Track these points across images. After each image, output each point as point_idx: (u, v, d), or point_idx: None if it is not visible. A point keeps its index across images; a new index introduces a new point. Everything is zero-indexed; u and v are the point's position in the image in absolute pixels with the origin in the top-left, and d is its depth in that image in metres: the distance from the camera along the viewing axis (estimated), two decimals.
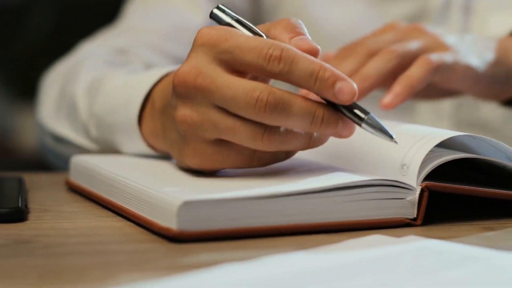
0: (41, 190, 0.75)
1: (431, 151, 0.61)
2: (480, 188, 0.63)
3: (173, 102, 0.63)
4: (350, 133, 0.60)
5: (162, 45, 1.08)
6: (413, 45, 0.79)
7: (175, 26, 1.10)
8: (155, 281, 0.45)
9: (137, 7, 1.14)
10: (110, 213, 0.64)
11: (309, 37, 0.62)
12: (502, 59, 0.84)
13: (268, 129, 0.60)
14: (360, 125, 0.60)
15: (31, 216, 0.63)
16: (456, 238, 0.58)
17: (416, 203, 0.61)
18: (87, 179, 0.71)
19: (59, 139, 0.97)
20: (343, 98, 0.59)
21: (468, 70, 0.80)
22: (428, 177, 0.61)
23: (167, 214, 0.56)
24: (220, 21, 0.64)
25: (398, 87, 0.76)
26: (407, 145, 0.62)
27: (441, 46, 0.80)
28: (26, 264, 0.50)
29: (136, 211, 0.60)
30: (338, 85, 0.58)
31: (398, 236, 0.55)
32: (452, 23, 1.14)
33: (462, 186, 0.62)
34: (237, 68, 0.60)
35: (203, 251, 0.53)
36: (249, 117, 0.59)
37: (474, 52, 0.82)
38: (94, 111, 0.86)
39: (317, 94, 0.60)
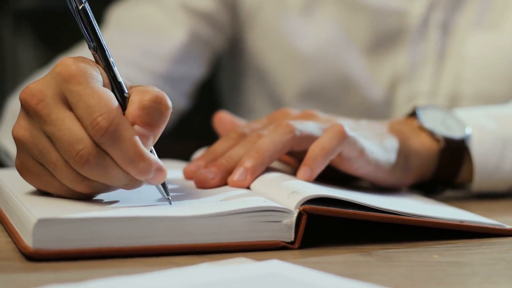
0: None
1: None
2: (361, 212, 0.62)
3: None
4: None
5: (140, 61, 1.08)
6: (310, 124, 0.73)
7: (154, 42, 1.10)
8: None
9: (116, 21, 1.14)
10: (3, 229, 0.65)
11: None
12: (400, 146, 0.79)
13: (88, 178, 0.59)
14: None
15: None
16: (326, 264, 0.57)
17: (293, 226, 0.60)
18: None
19: (7, 154, 0.98)
20: (154, 183, 0.60)
21: (371, 154, 0.74)
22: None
23: (27, 232, 0.56)
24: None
25: (312, 155, 0.70)
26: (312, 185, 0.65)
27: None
28: None
29: (15, 228, 0.61)
30: (151, 175, 0.59)
31: (268, 259, 0.54)
32: (430, 42, 1.12)
33: (343, 210, 0.61)
34: (74, 113, 0.59)
35: (51, 270, 0.53)
36: (70, 163, 0.59)
37: (373, 138, 0.77)
38: None
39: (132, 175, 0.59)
